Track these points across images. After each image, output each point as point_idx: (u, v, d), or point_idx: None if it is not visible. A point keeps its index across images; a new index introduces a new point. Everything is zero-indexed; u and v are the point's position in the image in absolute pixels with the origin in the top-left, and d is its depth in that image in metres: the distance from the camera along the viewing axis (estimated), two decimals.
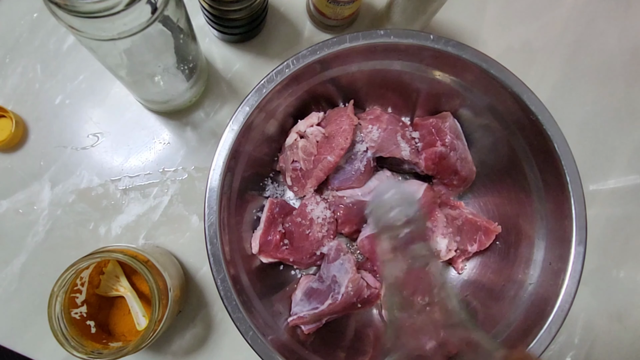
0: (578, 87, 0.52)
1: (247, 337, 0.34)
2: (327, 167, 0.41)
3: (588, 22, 0.53)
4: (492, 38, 0.52)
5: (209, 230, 0.35)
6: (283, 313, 0.41)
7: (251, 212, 0.43)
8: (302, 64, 0.37)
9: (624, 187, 0.51)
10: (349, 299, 0.39)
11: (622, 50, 0.53)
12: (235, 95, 0.49)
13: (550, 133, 0.36)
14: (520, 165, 0.40)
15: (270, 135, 0.42)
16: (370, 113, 0.43)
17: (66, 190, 0.46)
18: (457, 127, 0.44)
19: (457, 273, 0.46)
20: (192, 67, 0.41)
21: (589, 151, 0.51)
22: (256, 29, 0.48)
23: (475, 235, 0.43)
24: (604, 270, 0.49)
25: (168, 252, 0.45)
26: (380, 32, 0.37)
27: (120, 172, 0.47)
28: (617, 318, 0.48)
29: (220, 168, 0.36)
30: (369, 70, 0.41)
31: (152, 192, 0.46)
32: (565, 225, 0.36)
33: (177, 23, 0.33)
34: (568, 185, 0.36)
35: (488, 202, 0.46)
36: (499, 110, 0.40)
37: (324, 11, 0.46)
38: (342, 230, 0.44)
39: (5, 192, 0.46)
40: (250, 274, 0.39)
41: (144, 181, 0.47)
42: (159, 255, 0.40)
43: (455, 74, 0.39)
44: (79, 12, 0.24)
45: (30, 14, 0.48)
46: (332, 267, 0.40)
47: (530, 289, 0.38)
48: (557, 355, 0.48)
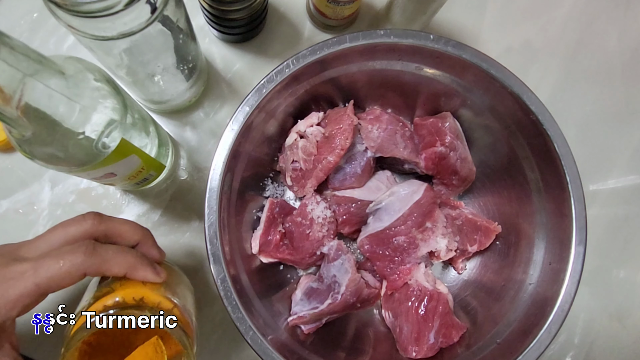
0: (578, 87, 0.52)
1: (247, 337, 0.34)
2: (327, 167, 0.41)
3: (588, 22, 0.53)
4: (492, 38, 0.52)
5: (209, 230, 0.35)
6: (283, 313, 0.41)
7: (251, 212, 0.43)
8: (302, 64, 0.37)
9: (624, 187, 0.51)
10: (349, 299, 0.39)
11: (622, 50, 0.53)
12: (235, 95, 0.49)
13: (550, 133, 0.36)
14: (520, 165, 0.40)
15: (270, 135, 0.42)
16: (370, 113, 0.43)
17: (66, 190, 0.46)
18: (457, 127, 0.44)
19: (457, 273, 0.46)
20: (192, 67, 0.41)
21: (589, 151, 0.51)
22: (256, 29, 0.48)
23: (475, 235, 0.43)
24: (604, 270, 0.49)
25: (182, 276, 0.38)
26: (380, 32, 0.37)
27: None
28: (617, 318, 0.48)
29: (220, 168, 0.36)
30: (369, 70, 0.41)
31: (152, 192, 0.46)
32: (565, 225, 0.36)
33: (177, 23, 0.33)
34: (568, 185, 0.36)
35: (488, 202, 0.46)
36: (499, 110, 0.40)
37: (324, 11, 0.46)
38: (342, 230, 0.44)
39: (5, 192, 0.45)
40: (250, 274, 0.39)
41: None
42: (175, 287, 0.33)
43: (455, 74, 0.39)
44: (78, 12, 0.24)
45: (30, 14, 0.48)
46: (332, 267, 0.40)
47: (530, 289, 0.38)
48: (557, 355, 0.48)
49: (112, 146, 0.30)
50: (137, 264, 0.30)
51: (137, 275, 0.30)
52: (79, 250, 0.28)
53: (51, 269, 0.26)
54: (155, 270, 0.31)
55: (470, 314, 0.42)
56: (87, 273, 0.28)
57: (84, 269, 0.27)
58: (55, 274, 0.26)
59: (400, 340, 0.40)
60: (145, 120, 0.36)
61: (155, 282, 0.31)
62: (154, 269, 0.31)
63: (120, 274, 0.29)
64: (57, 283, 0.27)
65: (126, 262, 0.29)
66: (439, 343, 0.39)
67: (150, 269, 0.31)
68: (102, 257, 0.28)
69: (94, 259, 0.28)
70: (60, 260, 0.27)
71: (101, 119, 0.29)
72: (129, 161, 0.34)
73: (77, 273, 0.27)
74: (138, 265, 0.30)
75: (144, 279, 0.30)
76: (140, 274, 0.30)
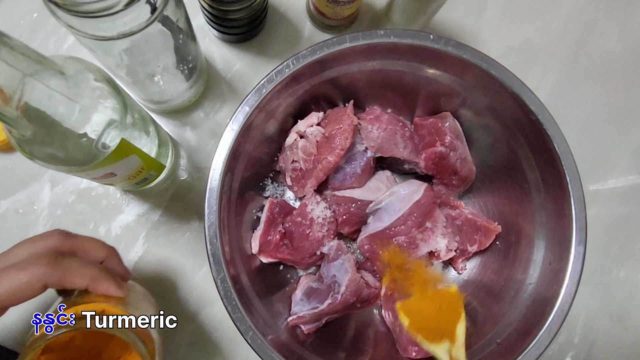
0: (578, 87, 0.52)
1: (247, 337, 0.34)
2: (327, 167, 0.41)
3: (588, 22, 0.53)
4: (492, 38, 0.52)
5: (209, 230, 0.35)
6: (283, 313, 0.40)
7: (251, 212, 0.43)
8: (302, 64, 0.37)
9: (624, 187, 0.51)
10: (349, 299, 0.39)
11: (622, 50, 0.53)
12: (235, 95, 0.49)
13: (550, 133, 0.36)
14: (520, 165, 0.40)
15: (270, 135, 0.42)
16: (370, 113, 0.43)
17: (66, 190, 0.46)
18: (457, 127, 0.44)
19: (457, 273, 0.46)
20: (192, 67, 0.41)
21: (589, 151, 0.50)
22: (256, 29, 0.48)
23: (475, 235, 0.43)
24: (604, 270, 0.49)
25: (145, 294, 0.38)
26: (380, 32, 0.37)
27: None
28: (617, 318, 0.48)
29: (220, 168, 0.36)
30: (369, 70, 0.41)
31: (152, 192, 0.46)
32: (565, 225, 0.36)
33: (177, 23, 0.33)
34: (568, 185, 0.36)
35: (488, 202, 0.46)
36: (499, 110, 0.40)
37: (324, 11, 0.46)
38: (342, 230, 0.44)
39: (5, 192, 0.45)
40: (250, 274, 0.39)
41: None
42: (139, 303, 0.34)
43: (455, 74, 0.39)
44: (78, 12, 0.24)
45: (30, 14, 0.48)
46: (332, 267, 0.40)
47: (530, 289, 0.38)
48: (557, 355, 0.48)
49: (112, 146, 0.30)
50: (100, 277, 0.30)
51: (99, 288, 0.30)
52: (41, 262, 0.27)
53: (12, 280, 0.26)
54: (118, 284, 0.31)
55: (470, 314, 0.42)
56: (49, 284, 0.27)
57: (45, 279, 0.27)
58: (16, 285, 0.26)
59: (400, 340, 0.40)
60: (145, 120, 0.36)
61: (117, 297, 0.31)
62: (116, 282, 0.31)
63: (82, 286, 0.29)
64: (18, 294, 0.27)
65: (88, 275, 0.29)
66: None
67: (112, 282, 0.30)
68: (64, 268, 0.28)
69: (55, 270, 0.28)
70: (21, 272, 0.27)
71: (101, 119, 0.29)
72: (129, 161, 0.34)
73: (38, 284, 0.27)
74: (100, 278, 0.30)
75: (106, 292, 0.30)
76: (103, 286, 0.30)
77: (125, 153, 0.32)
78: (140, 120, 0.35)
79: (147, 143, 0.37)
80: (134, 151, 0.33)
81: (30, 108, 0.24)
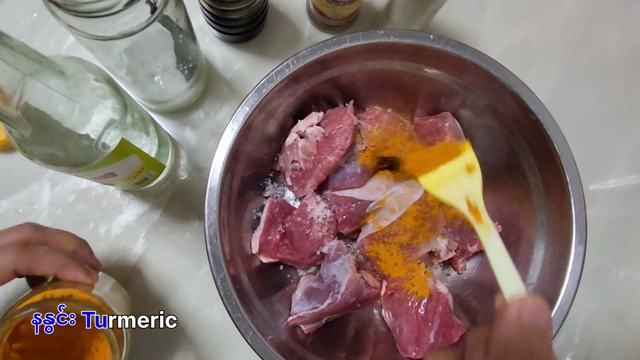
0: (578, 87, 0.52)
1: (247, 337, 0.34)
2: (327, 167, 0.41)
3: (588, 22, 0.53)
4: (492, 38, 0.52)
5: (209, 230, 0.35)
6: (283, 313, 0.40)
7: (251, 212, 0.43)
8: (302, 64, 0.37)
9: (624, 187, 0.51)
10: (349, 299, 0.39)
11: (622, 50, 0.53)
12: (235, 95, 0.49)
13: (550, 133, 0.36)
14: (520, 165, 0.40)
15: (270, 135, 0.42)
16: (370, 113, 0.43)
17: (66, 190, 0.46)
18: (457, 127, 0.44)
19: (457, 273, 0.46)
20: (192, 67, 0.41)
21: (589, 151, 0.50)
22: (256, 29, 0.48)
23: (475, 235, 0.43)
24: (604, 270, 0.49)
25: (116, 284, 0.39)
26: (380, 32, 0.37)
27: None
28: (617, 318, 0.48)
29: (220, 168, 0.36)
30: (369, 70, 0.41)
31: (152, 192, 0.46)
32: (565, 225, 0.36)
33: (177, 23, 0.33)
34: (568, 185, 0.36)
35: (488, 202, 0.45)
36: (499, 110, 0.40)
37: (324, 11, 0.46)
38: (342, 230, 0.44)
39: (5, 192, 0.45)
40: (250, 274, 0.39)
41: None
42: (111, 294, 0.35)
43: (455, 74, 0.39)
44: (78, 12, 0.24)
45: (30, 14, 0.48)
46: (332, 267, 0.40)
47: (530, 289, 0.38)
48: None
49: (112, 146, 0.30)
50: (69, 264, 0.30)
51: (68, 274, 0.30)
52: (10, 249, 0.28)
53: None
54: (87, 271, 0.31)
55: (470, 314, 0.42)
56: (18, 270, 0.28)
57: (15, 265, 0.28)
58: None
59: (400, 340, 0.40)
60: (145, 120, 0.36)
61: (86, 284, 0.31)
62: (85, 270, 0.31)
63: (51, 272, 0.30)
64: None
65: (57, 261, 0.30)
66: (439, 343, 0.39)
67: (81, 269, 0.31)
68: (33, 255, 0.29)
69: (24, 256, 0.28)
70: None
71: (101, 119, 0.29)
72: (129, 161, 0.34)
73: (7, 270, 0.28)
74: (69, 264, 0.30)
75: (74, 279, 0.30)
76: (71, 273, 0.30)
77: (125, 153, 0.32)
78: (140, 120, 0.35)
79: (147, 143, 0.37)
80: (134, 151, 0.33)
81: (30, 108, 0.24)
